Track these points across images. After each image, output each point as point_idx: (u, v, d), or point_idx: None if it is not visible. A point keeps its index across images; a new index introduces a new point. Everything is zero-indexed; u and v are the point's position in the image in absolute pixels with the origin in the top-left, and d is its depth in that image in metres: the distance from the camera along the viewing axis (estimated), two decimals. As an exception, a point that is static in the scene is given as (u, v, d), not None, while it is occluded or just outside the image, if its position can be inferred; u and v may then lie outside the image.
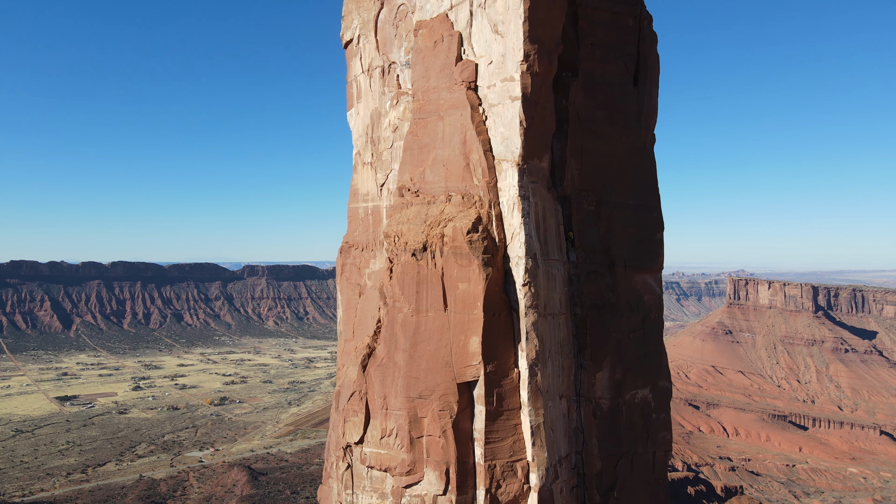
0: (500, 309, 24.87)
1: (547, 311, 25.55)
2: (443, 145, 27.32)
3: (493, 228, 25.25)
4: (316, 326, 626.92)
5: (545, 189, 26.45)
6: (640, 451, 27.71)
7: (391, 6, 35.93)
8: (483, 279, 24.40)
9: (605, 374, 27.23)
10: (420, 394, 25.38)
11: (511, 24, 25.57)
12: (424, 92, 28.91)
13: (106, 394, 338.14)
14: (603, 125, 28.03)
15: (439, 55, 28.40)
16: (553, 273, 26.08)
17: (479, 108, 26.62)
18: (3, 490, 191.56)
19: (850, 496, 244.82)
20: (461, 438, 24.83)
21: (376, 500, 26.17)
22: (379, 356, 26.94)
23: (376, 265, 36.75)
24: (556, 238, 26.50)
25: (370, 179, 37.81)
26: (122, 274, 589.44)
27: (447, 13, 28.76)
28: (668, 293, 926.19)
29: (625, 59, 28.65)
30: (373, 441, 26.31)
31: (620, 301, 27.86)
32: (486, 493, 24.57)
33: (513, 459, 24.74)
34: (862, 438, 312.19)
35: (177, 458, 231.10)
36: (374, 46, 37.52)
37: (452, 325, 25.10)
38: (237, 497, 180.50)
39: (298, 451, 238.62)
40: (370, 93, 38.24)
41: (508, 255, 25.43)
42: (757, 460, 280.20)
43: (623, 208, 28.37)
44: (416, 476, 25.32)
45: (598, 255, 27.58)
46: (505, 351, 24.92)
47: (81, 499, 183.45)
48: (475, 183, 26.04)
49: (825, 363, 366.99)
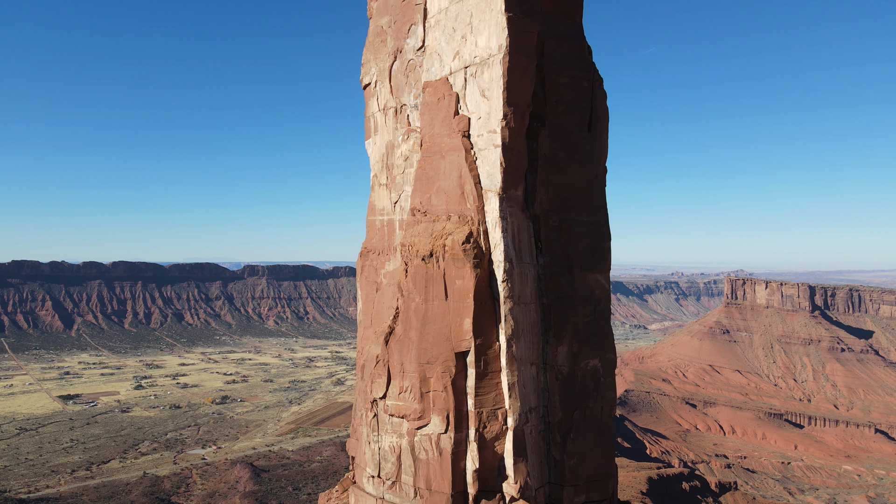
0: (486, 298, 35.10)
1: (520, 300, 35.81)
2: (444, 178, 37.57)
3: (481, 240, 35.48)
4: (316, 326, 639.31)
5: (520, 211, 36.70)
6: (591, 405, 38.01)
7: (402, 60, 46.16)
8: (473, 277, 34.63)
9: (564, 348, 37.53)
10: (428, 360, 35.61)
11: (494, 91, 35.83)
12: (430, 136, 39.20)
13: (108, 393, 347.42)
14: (564, 162, 38.31)
15: (441, 109, 38.65)
16: (525, 273, 36.36)
17: (471, 151, 36.88)
18: (10, 487, 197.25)
19: (845, 493, 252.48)
20: (458, 393, 35.06)
21: (396, 439, 36.41)
22: (397, 334, 37.15)
23: (390, 266, 46.96)
24: (527, 247, 36.77)
25: (385, 197, 48.03)
26: (122, 274, 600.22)
27: (448, 77, 39.02)
28: (667, 293, 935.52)
29: (581, 112, 38.96)
30: (393, 395, 36.56)
31: (577, 294, 38.15)
32: (476, 432, 34.83)
33: (495, 408, 34.97)
34: (857, 436, 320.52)
35: (180, 455, 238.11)
36: (389, 91, 47.76)
37: (451, 310, 35.33)
38: (240, 493, 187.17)
39: (300, 448, 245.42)
40: (385, 127, 48.49)
41: (492, 259, 35.66)
42: (753, 458, 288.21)
43: (579, 224, 38.68)
44: (425, 420, 35.56)
45: (560, 260, 37.89)
46: (489, 329, 35.14)
47: (87, 495, 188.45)
48: (468, 207, 36.28)
49: (822, 362, 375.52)
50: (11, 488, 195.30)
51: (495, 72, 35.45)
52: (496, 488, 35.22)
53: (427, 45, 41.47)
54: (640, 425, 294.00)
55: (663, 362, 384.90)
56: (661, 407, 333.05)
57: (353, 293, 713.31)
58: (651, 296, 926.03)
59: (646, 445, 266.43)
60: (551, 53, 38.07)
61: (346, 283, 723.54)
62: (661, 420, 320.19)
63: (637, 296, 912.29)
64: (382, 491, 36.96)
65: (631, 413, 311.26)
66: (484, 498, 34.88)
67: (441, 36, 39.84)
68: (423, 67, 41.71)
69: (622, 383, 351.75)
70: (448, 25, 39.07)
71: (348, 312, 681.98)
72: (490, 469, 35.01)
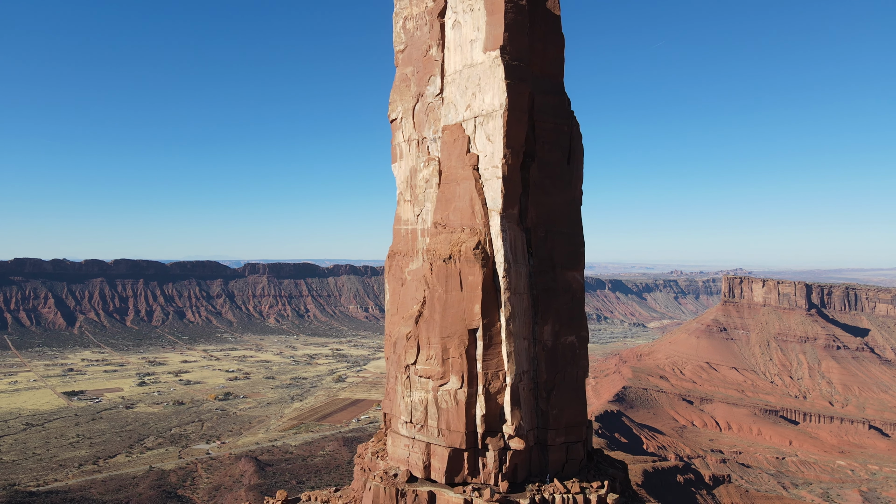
0: (490, 290, 49.15)
1: (516, 291, 49.86)
2: (459, 200, 51.62)
3: (487, 247, 49.50)
4: (316, 324, 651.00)
5: (515, 225, 50.77)
6: (569, 370, 52.22)
7: (423, 102, 60.22)
8: (481, 274, 48.67)
9: (549, 327, 51.64)
10: (448, 335, 49.68)
11: (496, 137, 49.87)
12: (448, 168, 53.26)
13: (112, 389, 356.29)
14: (549, 188, 52.40)
15: (457, 147, 52.68)
16: (520, 271, 50.41)
17: (479, 180, 50.94)
18: (19, 480, 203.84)
19: (838, 487, 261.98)
20: (470, 359, 49.12)
21: (423, 394, 50.44)
22: (425, 316, 51.18)
23: (414, 266, 61.00)
24: (521, 252, 50.84)
25: (409, 211, 62.06)
26: (124, 272, 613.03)
27: (461, 123, 53.05)
28: (666, 291, 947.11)
29: (561, 150, 53.09)
30: (421, 362, 50.62)
31: (558, 287, 52.29)
32: (483, 388, 48.90)
33: (497, 370, 49.03)
34: (851, 433, 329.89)
35: (184, 450, 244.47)
36: (412, 126, 61.82)
37: (465, 298, 49.38)
38: (245, 486, 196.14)
39: (303, 443, 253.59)
40: (409, 155, 62.51)
41: (495, 261, 49.67)
42: (748, 453, 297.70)
43: (560, 234, 52.81)
44: (446, 380, 49.64)
45: (545, 261, 52.01)
46: (493, 312, 49.17)
47: (95, 488, 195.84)
48: (477, 222, 50.33)
49: (817, 360, 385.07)
50: (21, 482, 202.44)
51: (497, 123, 49.53)
52: (498, 429, 49.41)
53: (445, 96, 55.57)
54: (637, 421, 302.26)
55: (661, 360, 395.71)
56: (659, 403, 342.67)
57: (353, 291, 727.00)
58: (650, 294, 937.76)
59: (642, 441, 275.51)
60: (539, 105, 52.20)
61: (345, 282, 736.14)
62: (658, 416, 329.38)
63: (636, 294, 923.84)
64: (413, 432, 51.14)
65: (628, 409, 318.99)
66: (489, 436, 49.10)
67: (456, 91, 53.89)
68: (442, 113, 55.80)
69: (620, 380, 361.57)
70: (462, 84, 53.11)
71: (348, 310, 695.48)
72: (494, 415, 49.16)
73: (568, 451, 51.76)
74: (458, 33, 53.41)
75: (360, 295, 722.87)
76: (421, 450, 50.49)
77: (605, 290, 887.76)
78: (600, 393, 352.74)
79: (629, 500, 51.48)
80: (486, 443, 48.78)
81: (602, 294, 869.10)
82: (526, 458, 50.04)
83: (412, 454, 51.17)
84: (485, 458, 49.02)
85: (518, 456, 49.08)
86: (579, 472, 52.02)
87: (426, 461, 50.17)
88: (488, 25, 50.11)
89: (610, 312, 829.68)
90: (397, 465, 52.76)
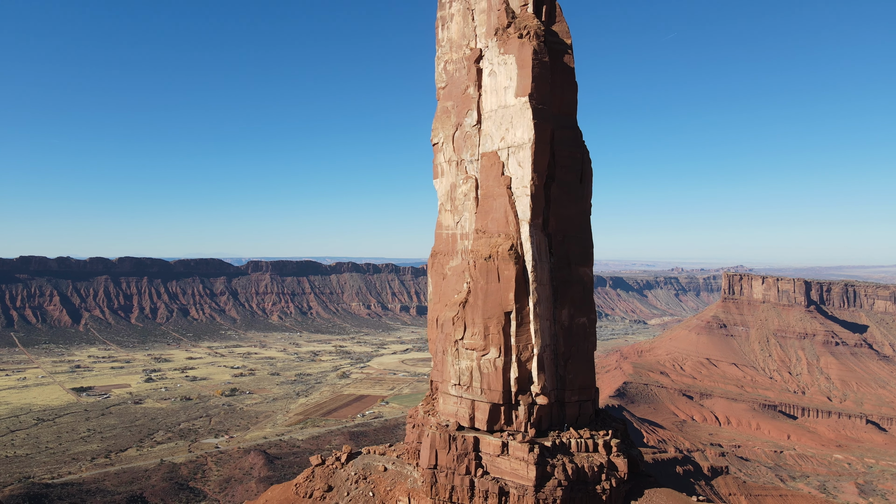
0: (521, 282, 65.91)
1: (541, 283, 66.61)
2: (496, 212, 68.29)
3: (518, 249, 66.19)
4: (319, 321, 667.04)
5: (540, 231, 67.44)
6: (581, 345, 69.10)
7: (462, 130, 76.88)
8: (514, 270, 65.37)
9: (566, 311, 68.48)
10: (489, 317, 66.44)
11: (526, 162, 66.47)
12: (486, 187, 69.95)
13: (120, 385, 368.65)
14: (566, 202, 69.14)
15: (493, 170, 69.33)
16: (544, 267, 67.17)
17: (511, 197, 67.54)
18: (33, 473, 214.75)
19: (835, 480, 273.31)
20: (506, 335, 65.89)
21: (469, 362, 67.23)
22: (470, 302, 67.90)
23: (453, 263, 77.66)
24: (545, 252, 67.58)
25: (450, 219, 78.69)
26: (128, 269, 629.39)
27: (497, 151, 69.68)
28: (667, 289, 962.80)
29: (575, 172, 69.86)
30: (467, 337, 67.41)
31: (573, 279, 69.08)
32: (516, 357, 65.69)
33: (527, 343, 65.77)
34: (849, 427, 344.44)
35: (194, 444, 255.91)
36: (452, 149, 78.43)
37: (502, 288, 66.10)
38: (255, 478, 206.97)
39: (309, 438, 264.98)
40: (449, 173, 79.11)
41: (525, 259, 66.35)
42: (746, 447, 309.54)
43: (574, 238, 69.62)
44: (487, 351, 66.42)
45: (563, 259, 68.80)
46: (524, 299, 65.90)
47: (108, 480, 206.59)
48: (510, 229, 66.99)
49: (816, 356, 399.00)
50: (35, 474, 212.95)
51: (526, 153, 66.23)
52: (527, 389, 66.27)
53: (482, 129, 72.29)
54: (637, 415, 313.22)
55: (661, 356, 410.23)
56: (659, 398, 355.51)
57: (355, 289, 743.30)
58: (651, 291, 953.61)
59: (643, 434, 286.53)
60: (558, 138, 68.94)
61: (348, 279, 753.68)
62: (659, 411, 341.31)
63: (637, 291, 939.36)
64: (461, 392, 68.06)
65: (629, 404, 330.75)
66: (520, 394, 65.94)
67: (492, 125, 70.57)
68: (479, 141, 72.53)
69: (621, 376, 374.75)
70: (497, 120, 69.83)
71: (351, 308, 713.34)
72: (524, 378, 65.95)
73: (580, 407, 68.89)
74: (494, 80, 70.12)
75: (362, 292, 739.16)
76: (467, 406, 67.39)
77: (607, 288, 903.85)
78: (602, 388, 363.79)
79: (627, 445, 68.18)
80: (518, 399, 65.62)
81: (603, 291, 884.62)
82: (548, 411, 67.05)
83: (460, 409, 68.07)
84: (517, 411, 65.88)
85: (543, 409, 66.05)
86: (589, 424, 69.14)
87: (471, 414, 67.09)
88: (519, 77, 66.80)
89: (611, 309, 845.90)
90: (447, 419, 69.65)
